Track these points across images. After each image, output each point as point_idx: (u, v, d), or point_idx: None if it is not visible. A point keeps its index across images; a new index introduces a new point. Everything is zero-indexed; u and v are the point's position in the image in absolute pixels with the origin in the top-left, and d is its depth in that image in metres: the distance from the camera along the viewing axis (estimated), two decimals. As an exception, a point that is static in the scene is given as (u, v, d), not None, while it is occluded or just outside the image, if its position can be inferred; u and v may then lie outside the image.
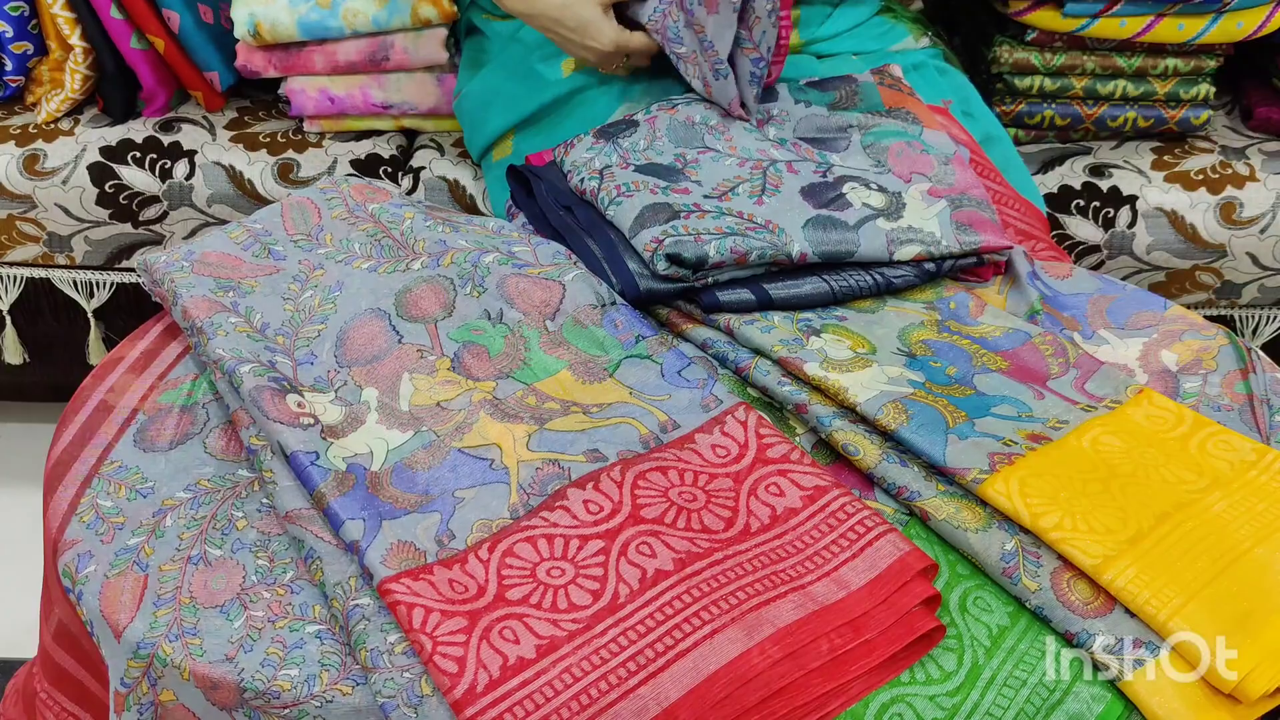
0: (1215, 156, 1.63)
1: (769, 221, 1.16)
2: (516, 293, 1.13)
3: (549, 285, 1.14)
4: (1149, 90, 1.61)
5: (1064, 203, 1.58)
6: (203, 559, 0.95)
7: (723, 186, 1.21)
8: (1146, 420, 1.07)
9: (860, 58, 1.52)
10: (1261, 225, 1.56)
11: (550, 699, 0.83)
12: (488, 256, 1.15)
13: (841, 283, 1.18)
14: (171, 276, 1.15)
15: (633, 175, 1.21)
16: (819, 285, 1.17)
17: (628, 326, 1.12)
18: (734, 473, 0.99)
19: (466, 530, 0.94)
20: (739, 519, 0.95)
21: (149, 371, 1.13)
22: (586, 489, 0.96)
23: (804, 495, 0.96)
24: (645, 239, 1.14)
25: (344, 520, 0.93)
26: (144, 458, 1.04)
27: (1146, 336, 1.20)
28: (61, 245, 1.68)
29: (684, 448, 1.00)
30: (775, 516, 0.95)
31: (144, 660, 0.89)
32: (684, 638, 0.86)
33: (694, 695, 0.83)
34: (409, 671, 0.85)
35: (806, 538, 0.93)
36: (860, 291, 1.18)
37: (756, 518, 0.95)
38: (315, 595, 0.92)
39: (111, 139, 1.65)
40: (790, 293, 1.16)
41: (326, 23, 1.57)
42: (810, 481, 0.97)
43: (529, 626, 0.87)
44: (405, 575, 0.89)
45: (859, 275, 1.19)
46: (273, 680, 0.87)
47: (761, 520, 0.95)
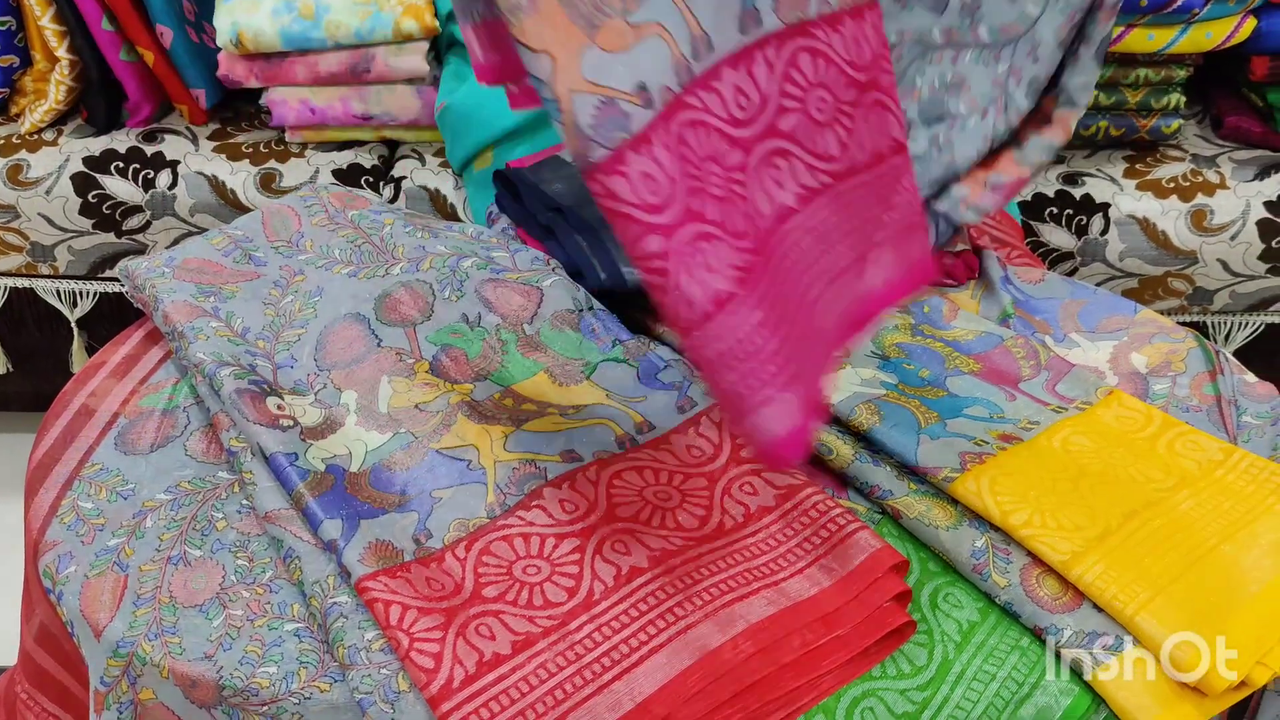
0: (1186, 165, 1.65)
1: None
2: (495, 297, 1.14)
3: (527, 290, 1.15)
4: (1120, 99, 1.63)
5: (1038, 210, 1.60)
6: (182, 559, 0.95)
7: None
8: (1116, 421, 1.08)
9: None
10: (1232, 232, 1.58)
11: (525, 694, 0.84)
12: (466, 261, 1.17)
13: None
14: (153, 282, 1.16)
15: None
16: None
17: (605, 331, 1.13)
18: (708, 472, 1.00)
19: (444, 529, 0.95)
20: (713, 517, 0.96)
21: (130, 376, 1.14)
22: (563, 488, 0.97)
23: (777, 494, 0.97)
24: None
25: (322, 520, 0.94)
26: (125, 460, 1.04)
27: (1117, 340, 1.21)
28: (45, 255, 1.69)
29: (659, 448, 1.02)
30: (749, 514, 0.96)
31: (123, 659, 0.90)
32: (658, 633, 0.88)
33: (667, 690, 0.84)
34: (386, 668, 0.86)
35: (779, 535, 0.95)
36: None
37: (730, 516, 0.96)
38: (294, 594, 0.93)
39: (95, 149, 1.66)
40: None
41: (309, 34, 1.58)
42: (783, 480, 0.98)
43: (505, 623, 0.88)
44: (382, 573, 0.90)
45: None
46: (251, 678, 0.87)
47: (735, 518, 0.96)
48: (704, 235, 0.76)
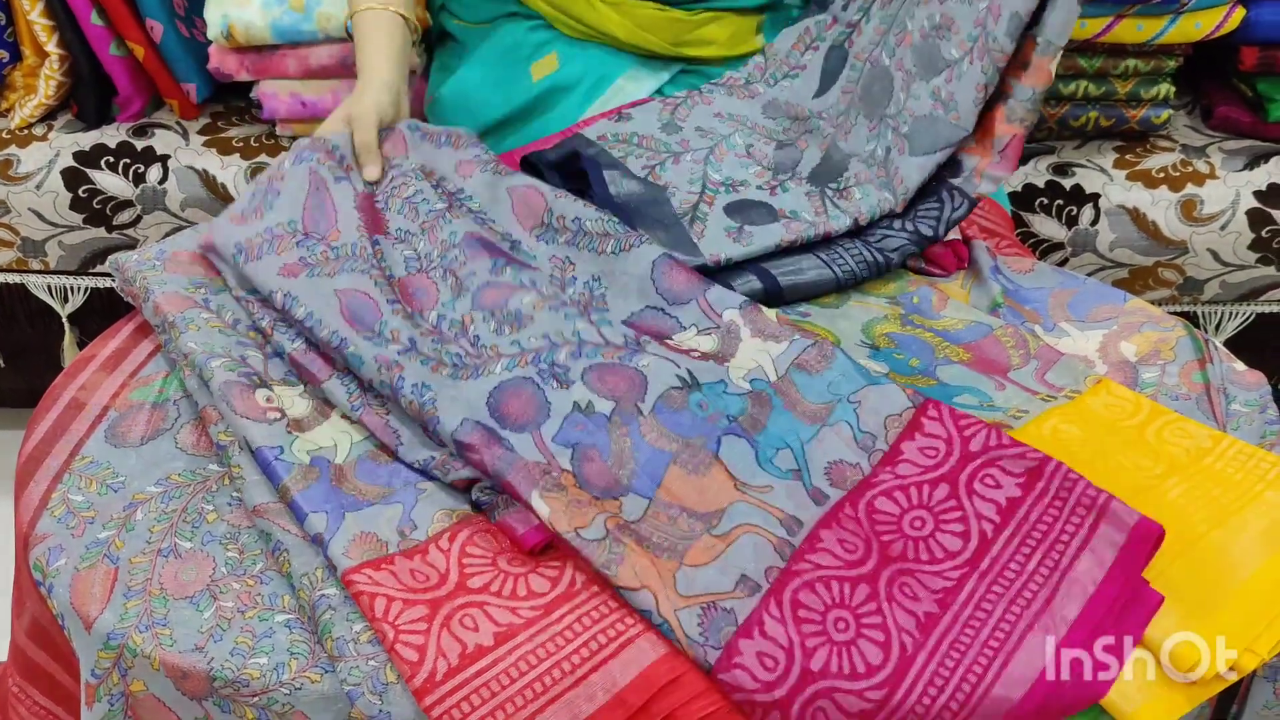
0: (1176, 155, 1.65)
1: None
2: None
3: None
4: (1110, 90, 1.63)
5: (1028, 201, 1.61)
6: (173, 551, 0.96)
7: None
8: (1105, 409, 1.09)
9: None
10: (1222, 222, 1.59)
11: (506, 686, 0.84)
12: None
13: (841, 265, 1.20)
14: (143, 274, 1.16)
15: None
16: (821, 271, 1.19)
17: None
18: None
19: (428, 521, 0.95)
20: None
21: (120, 369, 1.14)
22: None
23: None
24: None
25: (307, 513, 0.94)
26: (115, 453, 1.04)
27: (1106, 329, 1.22)
28: (35, 250, 1.69)
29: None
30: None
31: (114, 651, 0.90)
32: (634, 624, 0.89)
33: (642, 679, 0.85)
34: (374, 660, 0.87)
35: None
36: (859, 274, 1.20)
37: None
38: (284, 585, 0.94)
39: (85, 144, 1.66)
40: (794, 280, 1.18)
41: (300, 26, 1.58)
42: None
43: (489, 614, 0.88)
44: (367, 565, 0.90)
45: (855, 249, 1.21)
46: (242, 669, 0.88)
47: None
48: (824, 692, 0.84)
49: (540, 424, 1.00)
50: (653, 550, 0.92)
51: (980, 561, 0.91)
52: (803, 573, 0.90)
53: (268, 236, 1.15)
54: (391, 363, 1.02)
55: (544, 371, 1.05)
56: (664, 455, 0.99)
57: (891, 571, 0.90)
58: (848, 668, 0.85)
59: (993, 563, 0.91)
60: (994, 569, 0.91)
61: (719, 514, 0.95)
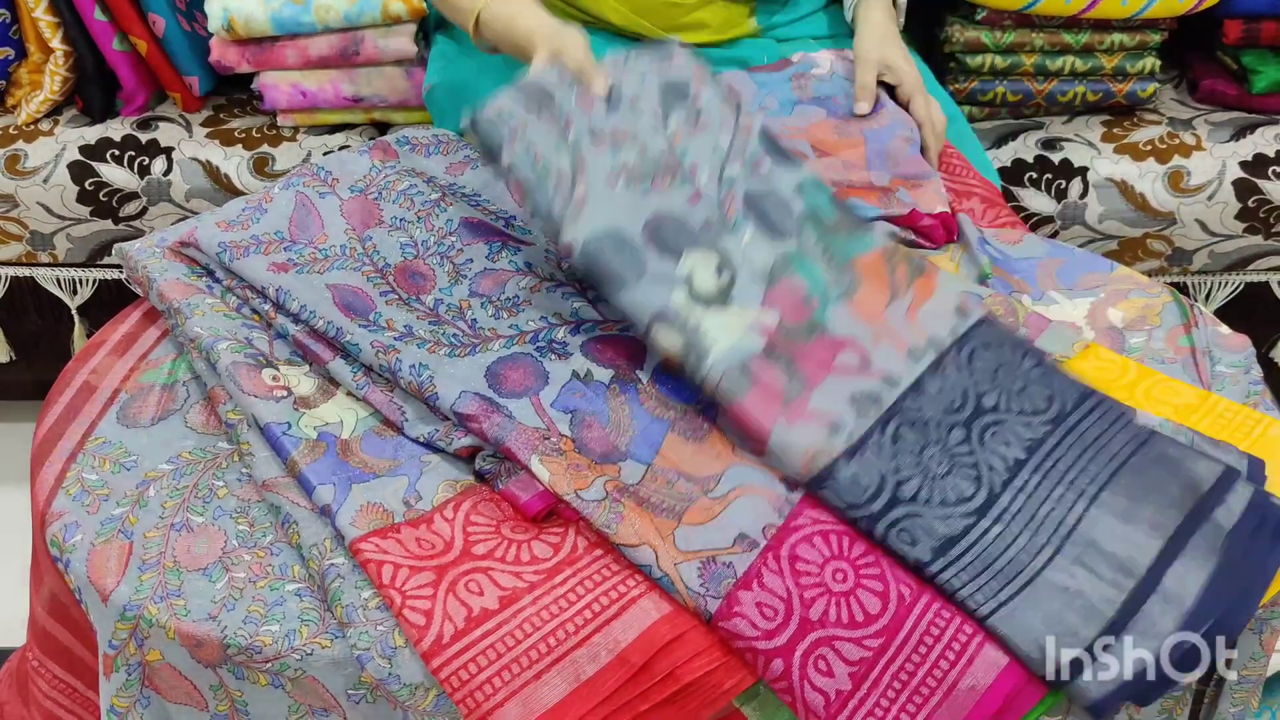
0: (1163, 128, 1.67)
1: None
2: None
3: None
4: (1096, 65, 1.65)
5: (1017, 176, 1.63)
6: (185, 526, 0.98)
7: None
8: (1094, 370, 1.11)
9: (819, 41, 1.56)
10: (1209, 193, 1.61)
11: (511, 648, 0.87)
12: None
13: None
14: (145, 263, 1.18)
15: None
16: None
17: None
18: None
19: (433, 492, 0.98)
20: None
21: (130, 353, 1.16)
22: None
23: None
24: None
25: (315, 485, 0.97)
26: (127, 433, 1.07)
27: (1094, 296, 1.24)
28: (44, 243, 1.71)
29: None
30: None
31: (130, 622, 0.93)
32: (637, 585, 0.91)
33: (644, 638, 0.88)
34: (382, 624, 0.89)
35: None
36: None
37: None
38: (294, 556, 0.96)
39: (90, 138, 1.69)
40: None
41: (299, 18, 1.61)
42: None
43: (493, 579, 0.91)
44: (374, 534, 0.93)
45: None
46: (255, 636, 0.90)
47: None
48: (824, 640, 0.88)
49: (539, 390, 1.03)
50: (651, 511, 0.95)
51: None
52: (801, 528, 0.93)
53: (253, 241, 1.17)
54: (388, 347, 1.05)
55: (542, 348, 1.07)
56: (662, 423, 1.02)
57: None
58: (846, 617, 0.88)
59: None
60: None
61: (716, 478, 0.98)
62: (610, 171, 1.09)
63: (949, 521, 0.92)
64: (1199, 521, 0.92)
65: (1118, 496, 0.94)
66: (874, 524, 0.92)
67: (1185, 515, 0.92)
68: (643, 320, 1.02)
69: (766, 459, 0.98)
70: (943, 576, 0.89)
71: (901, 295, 1.08)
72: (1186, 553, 0.90)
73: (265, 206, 1.22)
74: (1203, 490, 0.94)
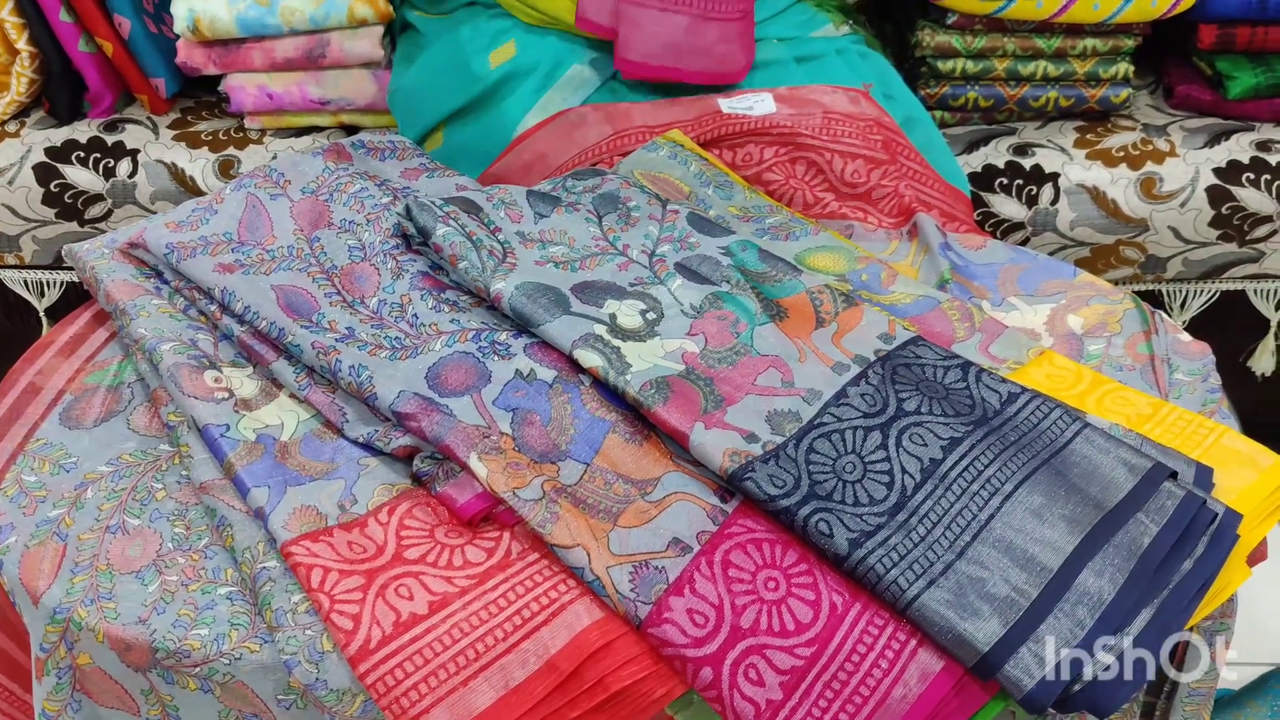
0: (1137, 134, 1.66)
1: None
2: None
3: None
4: (1069, 70, 1.64)
5: (988, 181, 1.61)
6: (121, 528, 0.97)
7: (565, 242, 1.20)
8: (1046, 379, 1.10)
9: (783, 43, 1.55)
10: (1181, 199, 1.59)
11: (439, 654, 0.86)
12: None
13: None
14: (93, 264, 1.18)
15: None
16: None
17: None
18: None
19: (368, 495, 0.97)
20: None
21: (77, 354, 1.16)
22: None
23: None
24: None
25: (250, 488, 0.96)
26: (69, 435, 1.06)
27: (1055, 302, 1.23)
28: (10, 245, 1.70)
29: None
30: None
31: (60, 625, 0.92)
32: (569, 590, 0.90)
33: (573, 645, 0.87)
34: (311, 629, 0.88)
35: None
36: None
37: None
38: (228, 559, 0.95)
39: (56, 139, 1.68)
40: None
41: (265, 20, 1.60)
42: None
43: (424, 584, 0.90)
44: (305, 538, 0.92)
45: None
46: (183, 640, 0.90)
47: None
48: (755, 649, 0.86)
49: (481, 388, 1.02)
50: (588, 512, 0.94)
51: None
52: (735, 535, 0.92)
53: (201, 242, 1.16)
54: (328, 348, 1.04)
55: (485, 348, 1.06)
56: (604, 424, 1.01)
57: None
58: (778, 625, 0.87)
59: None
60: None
61: (654, 482, 0.97)
62: (539, 258, 1.15)
63: (864, 520, 0.92)
64: (1121, 520, 0.91)
65: (1034, 494, 0.94)
66: (793, 517, 0.92)
67: (1106, 513, 0.92)
68: (565, 347, 1.05)
69: (696, 458, 0.98)
70: (861, 568, 0.88)
71: (827, 325, 1.11)
72: (1105, 551, 0.90)
73: (215, 208, 1.21)
74: (1126, 489, 0.93)
